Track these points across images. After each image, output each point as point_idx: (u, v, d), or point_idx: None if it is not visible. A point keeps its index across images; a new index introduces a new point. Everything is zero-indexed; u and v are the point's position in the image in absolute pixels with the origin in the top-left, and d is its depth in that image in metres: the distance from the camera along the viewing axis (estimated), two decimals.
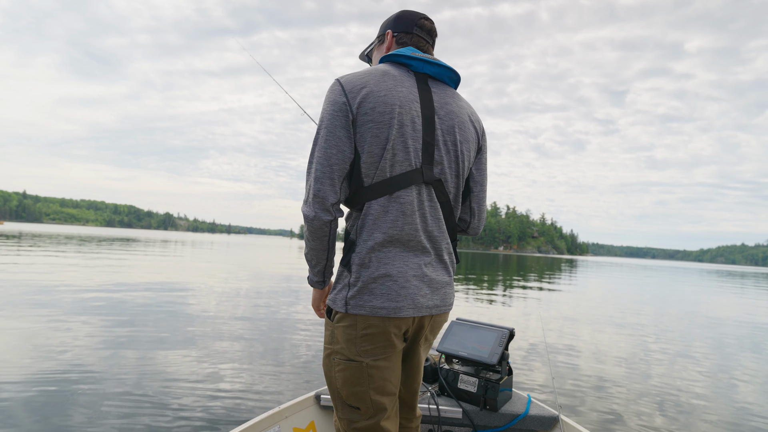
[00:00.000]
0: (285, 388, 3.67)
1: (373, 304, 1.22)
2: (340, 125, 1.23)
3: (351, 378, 1.28)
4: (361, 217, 1.26)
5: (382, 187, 1.24)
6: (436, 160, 1.29)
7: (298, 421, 2.09)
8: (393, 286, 1.22)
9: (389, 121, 1.22)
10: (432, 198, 1.30)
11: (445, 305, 1.35)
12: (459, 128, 1.32)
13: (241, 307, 7.38)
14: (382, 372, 1.28)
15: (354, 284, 1.25)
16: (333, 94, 1.25)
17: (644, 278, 27.03)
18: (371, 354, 1.26)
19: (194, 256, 21.67)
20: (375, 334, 1.24)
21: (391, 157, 1.23)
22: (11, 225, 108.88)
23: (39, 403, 3.06)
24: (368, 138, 1.22)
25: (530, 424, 2.13)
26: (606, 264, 67.50)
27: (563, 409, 3.51)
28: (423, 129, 1.27)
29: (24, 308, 6.26)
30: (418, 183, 1.26)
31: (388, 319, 1.23)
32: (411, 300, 1.24)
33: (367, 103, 1.22)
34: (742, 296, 17.28)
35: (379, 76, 1.26)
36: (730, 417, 3.62)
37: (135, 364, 4.06)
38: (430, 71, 1.33)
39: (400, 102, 1.24)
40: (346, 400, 1.31)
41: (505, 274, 21.66)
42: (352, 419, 1.31)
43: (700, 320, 9.38)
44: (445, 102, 1.33)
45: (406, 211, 1.25)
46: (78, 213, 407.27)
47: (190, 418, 2.94)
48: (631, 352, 5.81)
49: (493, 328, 2.35)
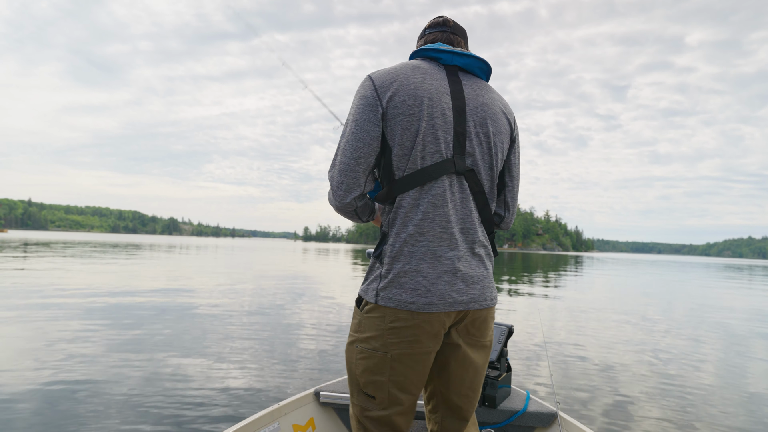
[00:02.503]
0: (285, 385, 3.69)
1: (402, 297, 1.23)
2: (367, 119, 1.24)
3: (372, 367, 1.28)
4: (394, 210, 1.27)
5: (413, 178, 1.25)
6: (468, 150, 1.28)
7: (298, 417, 2.10)
8: (423, 282, 1.22)
9: (419, 113, 1.22)
10: (464, 189, 1.29)
11: (485, 300, 1.31)
12: (491, 119, 1.32)
13: (242, 307, 7.38)
14: (405, 369, 1.27)
15: (385, 276, 1.26)
16: (363, 89, 1.27)
17: (651, 274, 26.85)
18: (397, 347, 1.25)
19: (198, 259, 21.74)
20: (402, 327, 1.24)
21: (422, 149, 1.23)
22: (17, 233, 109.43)
23: (40, 400, 3.04)
24: (398, 131, 1.23)
25: (529, 421, 2.13)
26: (612, 260, 67.21)
27: (562, 405, 3.48)
28: (454, 120, 1.27)
29: (32, 310, 6.24)
30: (450, 173, 1.26)
31: (417, 314, 1.23)
32: (441, 296, 1.23)
33: (397, 97, 1.23)
34: (751, 290, 17.10)
35: (409, 70, 1.28)
36: (730, 411, 3.55)
37: (137, 362, 4.07)
38: (459, 63, 1.33)
39: (430, 94, 1.25)
40: (363, 388, 1.31)
41: (509, 272, 21.56)
42: (366, 407, 1.32)
43: (705, 316, 9.28)
44: (476, 94, 1.32)
45: (438, 202, 1.25)
46: (83, 220, 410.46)
47: (190, 415, 2.99)
48: (631, 348, 5.75)
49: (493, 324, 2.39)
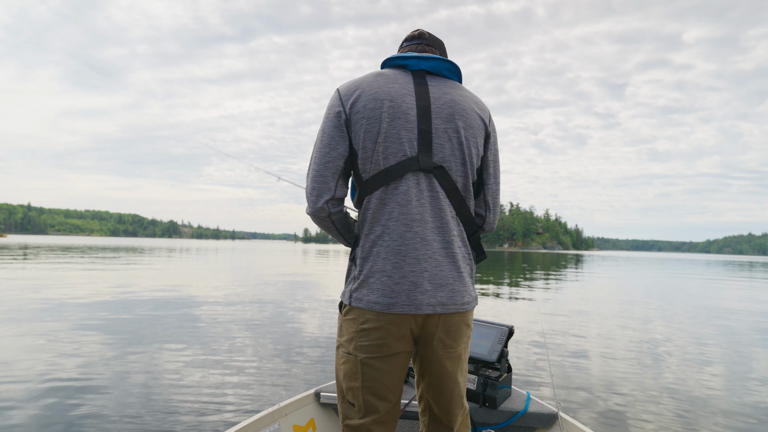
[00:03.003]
0: (285, 385, 3.68)
1: (369, 298, 1.22)
2: (333, 125, 1.27)
3: (349, 372, 1.28)
4: (362, 211, 1.28)
5: (378, 179, 1.25)
6: (436, 147, 1.27)
7: (298, 418, 2.09)
8: (388, 282, 1.21)
9: (379, 116, 1.24)
10: (434, 187, 1.27)
11: (454, 303, 1.26)
12: (460, 115, 1.30)
13: (243, 307, 7.37)
14: (376, 372, 1.24)
15: (357, 278, 1.26)
16: (331, 100, 1.31)
17: (652, 272, 26.82)
18: (366, 350, 1.24)
19: (199, 262, 21.69)
20: (371, 329, 1.23)
21: (384, 150, 1.24)
22: (16, 237, 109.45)
23: (41, 397, 3.02)
24: (361, 134, 1.25)
25: (529, 422, 2.12)
26: (612, 258, 67.20)
27: (562, 406, 3.47)
28: (418, 119, 1.27)
29: (32, 314, 6.21)
30: (414, 171, 1.25)
31: (383, 315, 1.22)
32: (406, 296, 1.21)
33: (359, 102, 1.26)
34: (752, 287, 17.07)
35: (373, 77, 1.31)
36: (732, 412, 3.53)
37: (138, 363, 4.07)
38: (425, 66, 1.34)
39: (391, 96, 1.26)
40: (344, 394, 1.30)
41: (509, 272, 21.54)
42: (347, 414, 1.31)
43: (706, 315, 9.26)
44: (443, 92, 1.32)
45: (403, 201, 1.24)
46: (83, 224, 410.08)
47: (191, 415, 2.99)
48: (632, 349, 5.73)
49: (493, 325, 2.34)
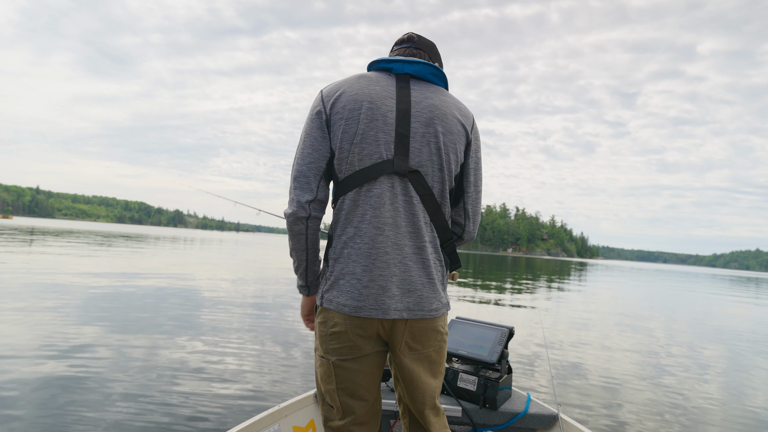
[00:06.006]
0: (285, 386, 3.62)
1: (339, 300, 1.22)
2: (315, 126, 1.27)
3: (324, 375, 1.28)
4: (336, 212, 1.28)
5: (352, 180, 1.24)
6: (413, 151, 1.26)
7: (298, 419, 2.09)
8: (357, 285, 1.20)
9: (357, 117, 1.24)
10: (408, 191, 1.26)
11: (421, 310, 1.24)
12: (439, 120, 1.29)
13: (243, 306, 7.31)
14: (350, 374, 1.25)
15: (329, 279, 1.25)
16: (314, 101, 1.31)
17: (656, 282, 26.61)
18: (337, 353, 1.24)
19: (203, 253, 21.74)
20: (340, 332, 1.23)
21: (359, 151, 1.23)
22: (23, 220, 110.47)
23: (41, 395, 3.07)
24: (339, 134, 1.25)
25: (530, 423, 2.13)
26: (617, 267, 66.91)
27: (563, 407, 3.41)
28: (396, 122, 1.26)
29: (33, 300, 6.23)
30: (389, 174, 1.25)
31: (350, 318, 1.21)
32: (374, 300, 1.20)
33: (339, 103, 1.26)
34: (757, 304, 16.87)
35: (355, 79, 1.30)
36: (730, 416, 3.46)
37: (138, 361, 4.00)
38: (410, 70, 1.33)
39: (371, 98, 1.25)
40: (324, 396, 1.32)
41: (512, 276, 21.44)
42: (328, 417, 1.32)
43: (707, 325, 9.14)
44: (425, 96, 1.31)
45: (376, 204, 1.23)
46: (89, 209, 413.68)
47: (190, 416, 2.93)
48: (633, 351, 5.68)
49: (493, 326, 2.34)
